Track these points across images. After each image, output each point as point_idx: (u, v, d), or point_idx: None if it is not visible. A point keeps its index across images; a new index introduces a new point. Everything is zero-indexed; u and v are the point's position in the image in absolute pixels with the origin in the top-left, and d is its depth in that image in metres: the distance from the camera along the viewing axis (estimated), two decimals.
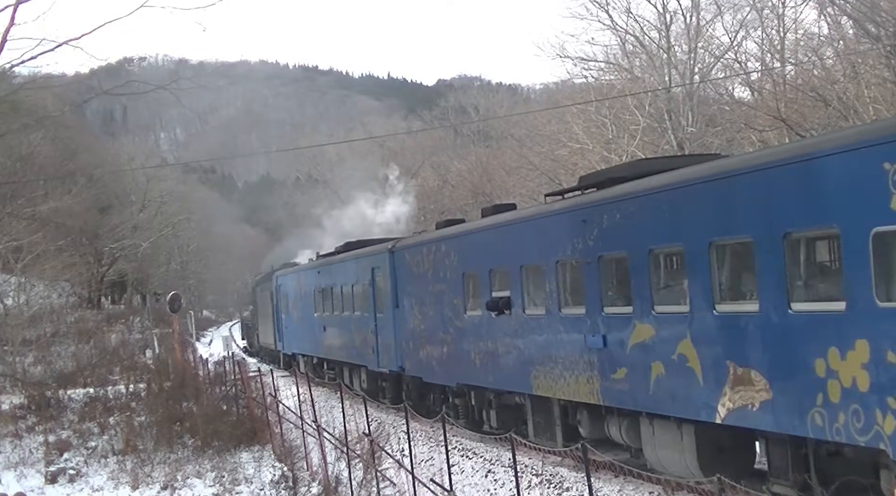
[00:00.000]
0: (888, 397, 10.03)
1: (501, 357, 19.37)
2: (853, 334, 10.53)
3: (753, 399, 12.10)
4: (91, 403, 29.01)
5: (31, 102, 43.19)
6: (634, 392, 14.65)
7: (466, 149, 79.93)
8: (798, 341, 11.39)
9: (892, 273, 10.06)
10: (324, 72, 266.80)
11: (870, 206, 10.17)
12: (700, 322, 13.12)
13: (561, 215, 16.95)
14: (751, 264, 12.16)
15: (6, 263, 45.74)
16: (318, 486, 19.02)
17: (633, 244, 14.57)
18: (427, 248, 23.43)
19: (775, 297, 11.64)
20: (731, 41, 37.31)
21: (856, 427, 10.61)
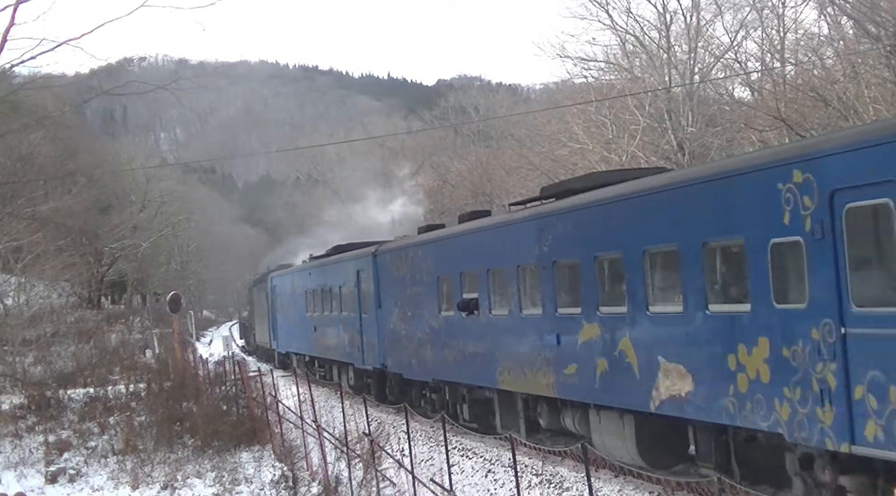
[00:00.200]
0: (784, 387, 11.50)
1: (471, 354, 20.77)
2: (756, 332, 11.98)
3: (680, 390, 13.56)
4: (91, 403, 29.01)
5: (31, 102, 43.17)
6: (583, 386, 16.12)
7: (466, 149, 79.91)
8: (714, 339, 12.85)
9: (786, 278, 11.56)
10: (324, 72, 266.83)
11: (768, 220, 11.62)
12: (637, 322, 14.63)
13: (521, 224, 18.47)
14: (676, 270, 13.62)
15: (6, 263, 45.74)
16: (318, 486, 19.02)
17: (581, 251, 16.12)
18: (406, 252, 25.00)
19: (695, 300, 13.16)
20: (731, 41, 37.33)
21: (759, 414, 12.01)
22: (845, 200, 10.58)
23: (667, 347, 13.88)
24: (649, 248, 14.25)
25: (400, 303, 25.38)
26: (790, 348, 11.42)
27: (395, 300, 25.76)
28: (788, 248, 11.42)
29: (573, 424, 17.15)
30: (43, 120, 41.18)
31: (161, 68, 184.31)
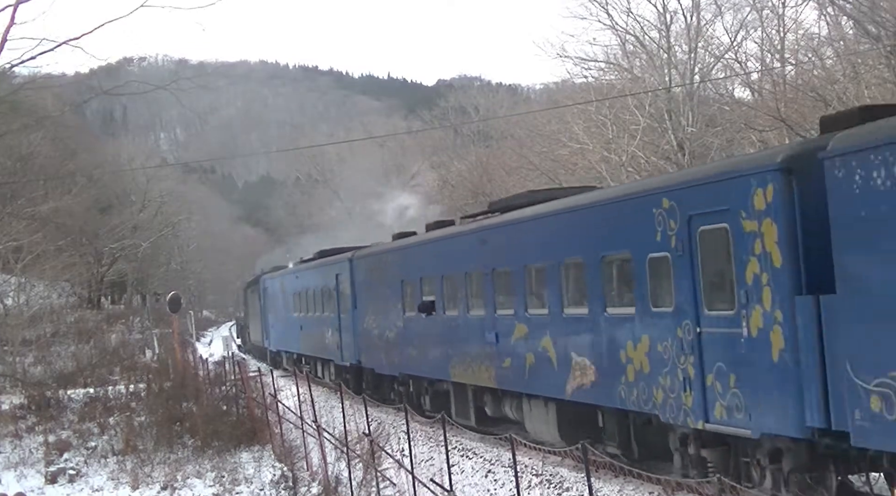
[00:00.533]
0: (659, 377, 14.05)
1: (430, 351, 23.43)
2: (640, 331, 14.56)
3: (587, 380, 16.19)
4: (91, 403, 29.01)
5: (31, 102, 43.17)
6: (517, 377, 18.74)
7: (466, 149, 79.91)
8: (611, 336, 15.45)
9: (659, 286, 14.11)
10: (324, 72, 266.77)
11: (646, 238, 14.18)
12: (555, 322, 17.22)
13: (468, 235, 21.17)
14: (584, 279, 16.23)
15: (6, 263, 45.74)
16: (318, 486, 19.02)
17: (514, 261, 18.73)
18: (376, 258, 27.90)
19: (597, 304, 15.80)
20: (731, 41, 37.31)
21: (643, 399, 14.57)
22: (699, 223, 13.10)
23: (577, 344, 16.50)
24: (565, 259, 16.84)
25: (372, 305, 27.90)
26: (662, 344, 13.99)
27: (368, 302, 28.29)
28: (660, 262, 13.97)
29: (511, 412, 19.67)
30: (43, 120, 41.19)
31: (161, 68, 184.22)
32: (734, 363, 12.51)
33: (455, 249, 21.94)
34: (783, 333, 11.64)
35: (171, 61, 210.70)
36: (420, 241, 25.00)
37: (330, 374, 33.71)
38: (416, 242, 25.27)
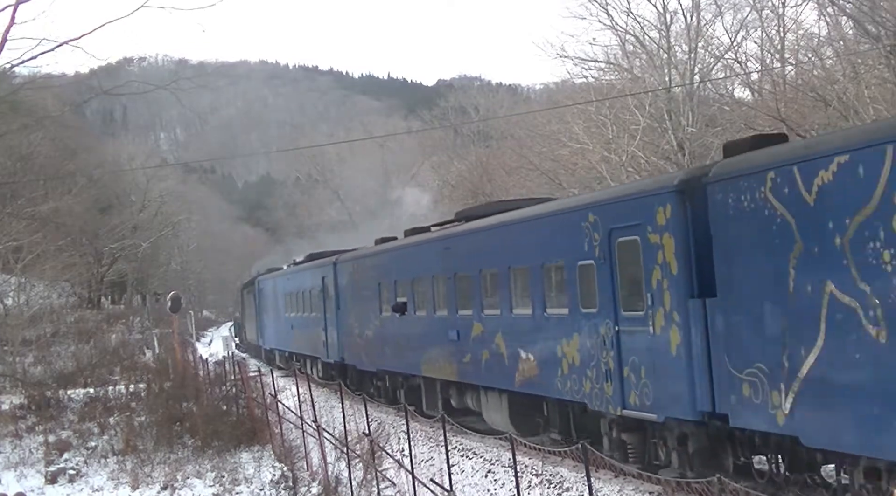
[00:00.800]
0: (587, 369, 15.94)
1: (403, 348, 25.35)
2: (572, 329, 16.40)
3: (531, 373, 18.09)
4: (91, 403, 29.02)
5: (31, 102, 43.16)
6: (475, 371, 20.65)
7: (466, 149, 79.91)
8: (549, 334, 17.32)
9: (587, 290, 15.74)
10: (324, 72, 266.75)
11: (576, 248, 16.07)
12: (505, 321, 19.21)
13: (434, 242, 23.30)
14: (528, 283, 18.18)
15: (6, 263, 45.74)
16: (318, 486, 19.02)
17: (473, 266, 20.70)
18: (357, 261, 29.92)
19: (539, 305, 17.74)
20: (731, 41, 37.25)
21: (574, 389, 16.38)
22: (617, 235, 15.02)
23: (523, 341, 18.45)
24: (512, 265, 18.88)
25: (353, 306, 29.94)
26: (590, 341, 15.87)
27: (350, 303, 30.35)
28: (587, 269, 15.85)
29: (472, 403, 21.61)
30: (43, 120, 41.17)
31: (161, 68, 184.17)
32: (644, 357, 14.50)
33: (424, 255, 23.94)
34: (679, 331, 13.62)
35: (171, 61, 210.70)
36: (394, 246, 27.21)
37: (318, 371, 35.80)
38: (391, 248, 27.39)
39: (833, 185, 10.96)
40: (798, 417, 11.63)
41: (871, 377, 10.54)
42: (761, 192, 11.99)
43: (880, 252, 10.37)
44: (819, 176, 11.13)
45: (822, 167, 11.07)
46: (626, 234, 14.78)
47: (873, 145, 10.40)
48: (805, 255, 11.44)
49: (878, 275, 10.37)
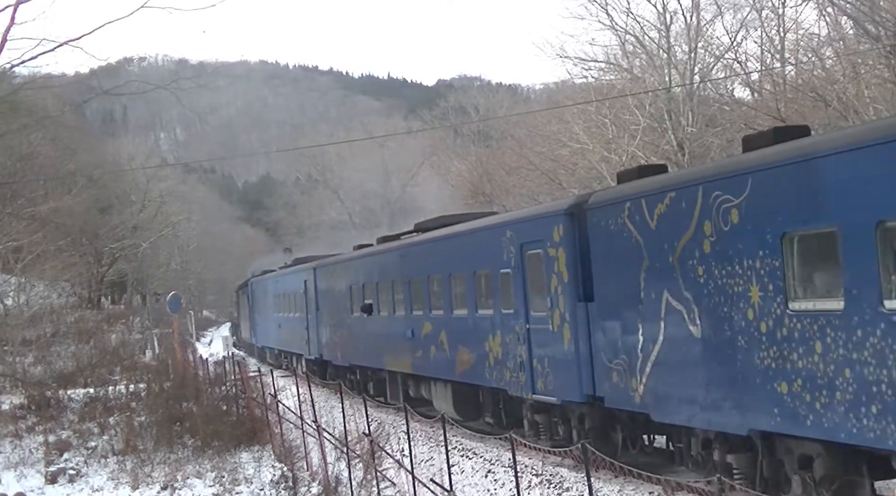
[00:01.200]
0: (507, 361, 18.88)
1: (370, 344, 28.36)
2: (496, 327, 19.47)
3: (468, 366, 21.01)
4: (91, 403, 29.00)
5: (31, 102, 43.14)
6: (425, 364, 23.63)
7: (466, 149, 79.85)
8: (480, 332, 20.22)
9: (507, 294, 18.94)
10: (324, 72, 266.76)
11: (498, 258, 19.01)
12: (447, 321, 22.19)
13: (395, 251, 26.44)
14: (464, 288, 21.27)
15: (6, 263, 45.72)
16: (318, 486, 19.02)
17: (423, 272, 23.80)
18: (333, 266, 33.11)
19: (472, 307, 20.81)
20: (731, 41, 37.24)
21: (498, 378, 19.44)
22: (527, 248, 18.00)
23: (461, 338, 21.33)
24: (453, 273, 21.79)
25: (330, 307, 32.97)
26: (508, 337, 18.88)
27: (327, 304, 33.30)
28: (506, 276, 18.86)
29: (424, 393, 24.42)
30: (43, 120, 41.15)
31: (161, 68, 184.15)
32: (547, 350, 17.41)
33: (385, 262, 27.06)
34: (570, 329, 16.54)
35: (171, 61, 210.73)
36: (362, 254, 30.35)
37: (302, 367, 38.39)
38: (359, 255, 30.55)
39: (666, 215, 13.87)
40: (647, 398, 14.64)
41: (693, 365, 13.48)
42: (622, 217, 14.97)
43: (696, 268, 13.22)
44: (658, 207, 14.05)
45: (660, 200, 13.96)
46: (533, 248, 17.79)
47: (690, 186, 13.36)
48: (650, 269, 14.36)
49: (696, 285, 13.24)
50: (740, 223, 12.34)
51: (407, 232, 27.56)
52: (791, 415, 11.66)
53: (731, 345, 12.65)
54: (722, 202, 12.67)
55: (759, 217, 12.01)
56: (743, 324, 12.41)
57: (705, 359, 13.17)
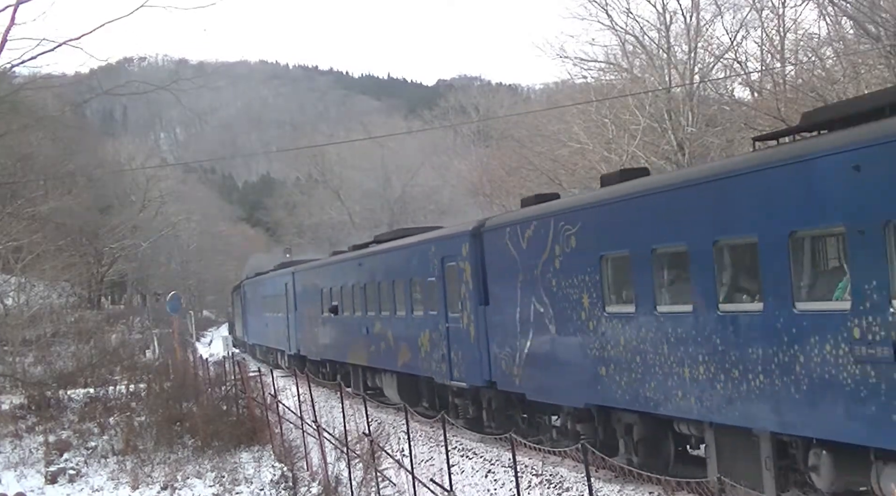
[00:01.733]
0: (434, 354, 22.92)
1: (337, 341, 32.81)
2: (425, 326, 23.72)
3: (407, 358, 25.25)
4: (91, 403, 28.97)
5: (31, 102, 43.13)
6: (377, 357, 28.10)
7: (466, 149, 79.82)
8: (415, 329, 24.46)
9: (431, 298, 23.12)
10: (324, 72, 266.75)
11: (426, 269, 23.43)
12: (392, 320, 26.66)
13: (355, 259, 30.80)
14: (402, 292, 25.67)
15: (6, 263, 45.71)
16: (318, 486, 19.01)
17: (373, 278, 28.54)
18: (307, 271, 37.89)
19: (407, 309, 25.31)
20: (731, 41, 37.21)
21: (426, 367, 23.64)
22: (446, 261, 22.15)
23: (402, 335, 25.52)
24: (395, 279, 26.31)
25: (306, 307, 37.04)
26: (434, 334, 23.07)
27: (304, 305, 37.40)
28: (432, 284, 23.19)
29: (378, 382, 28.77)
30: (43, 120, 41.13)
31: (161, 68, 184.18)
32: (460, 344, 21.55)
33: (348, 269, 31.23)
34: (474, 327, 20.79)
35: (171, 61, 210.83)
36: (330, 261, 35.02)
37: (285, 362, 43.08)
38: (328, 261, 35.43)
39: (533, 238, 18.02)
40: (523, 382, 18.87)
41: (551, 355, 17.67)
42: (505, 239, 19.23)
43: (551, 280, 17.33)
44: (527, 232, 18.28)
45: (528, 227, 18.22)
46: (450, 261, 21.99)
47: (546, 217, 17.56)
48: (523, 280, 18.43)
49: (551, 294, 17.39)
50: (576, 247, 16.48)
51: (369, 242, 31.33)
52: (608, 391, 15.73)
53: (573, 340, 16.78)
54: (565, 231, 16.77)
55: (587, 243, 16.19)
56: (579, 324, 16.53)
57: (558, 350, 17.40)
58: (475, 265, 20.40)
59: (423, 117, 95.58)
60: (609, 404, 15.81)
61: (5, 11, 25.80)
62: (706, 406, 13.28)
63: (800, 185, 11.51)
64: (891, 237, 10.33)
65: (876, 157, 10.48)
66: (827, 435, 11.41)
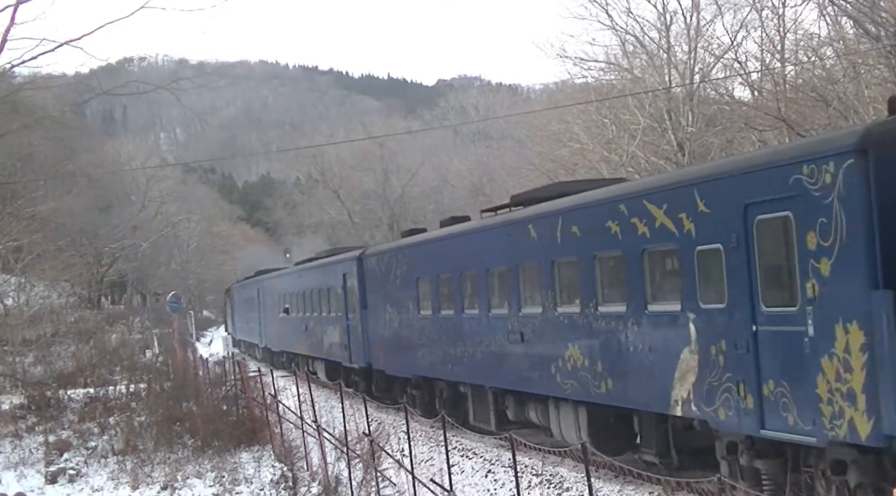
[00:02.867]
0: (341, 344, 31.25)
1: (289, 335, 41.47)
2: (336, 323, 31.84)
3: (329, 347, 33.03)
4: (91, 403, 28.97)
5: (31, 102, 43.13)
6: (311, 348, 36.17)
7: (466, 149, 79.89)
8: (329, 325, 32.77)
9: (338, 302, 31.39)
10: (324, 72, 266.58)
11: (337, 281, 31.35)
12: (318, 319, 34.45)
13: (298, 272, 39.36)
14: (320, 299, 34.81)
15: (6, 263, 45.73)
16: (318, 486, 19.01)
17: (306, 288, 36.98)
18: (270, 280, 47.08)
19: (326, 310, 33.23)
20: (731, 41, 37.19)
21: (338, 355, 31.91)
22: (347, 278, 29.91)
23: (324, 329, 33.53)
24: (319, 289, 34.45)
25: (270, 309, 45.80)
26: (339, 329, 30.79)
27: (269, 307, 46.27)
28: (339, 293, 30.82)
29: (315, 368, 36.12)
30: (43, 120, 41.08)
31: (161, 68, 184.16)
32: (353, 336, 29.50)
33: (295, 279, 39.79)
34: (360, 324, 28.64)
35: (171, 61, 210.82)
36: (282, 273, 44.88)
37: (259, 354, 52.20)
38: (281, 273, 45.06)
39: (385, 264, 26.51)
40: (382, 362, 27.16)
41: (395, 343, 25.89)
42: (374, 264, 27.66)
43: (395, 292, 25.59)
44: (384, 259, 26.72)
45: (384, 256, 26.90)
46: (349, 278, 29.91)
47: (392, 252, 26.31)
48: (383, 291, 26.55)
49: (395, 301, 25.52)
50: (406, 272, 24.92)
51: (310, 259, 40.79)
52: (424, 366, 24.02)
53: (405, 333, 25.02)
54: (401, 260, 25.39)
55: (410, 269, 24.64)
56: (408, 322, 24.81)
57: (399, 340, 25.63)
58: (359, 281, 28.70)
59: (423, 117, 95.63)
60: (425, 375, 24.23)
61: (5, 11, 25.81)
62: (463, 373, 21.63)
63: (497, 240, 19.74)
64: (521, 273, 18.57)
65: (525, 227, 18.25)
66: (508, 386, 19.50)
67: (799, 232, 11.28)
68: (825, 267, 10.99)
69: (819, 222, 10.98)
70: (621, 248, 14.85)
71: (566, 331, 16.55)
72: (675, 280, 13.83)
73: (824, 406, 11.00)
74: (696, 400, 13.19)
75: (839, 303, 10.82)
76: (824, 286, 11.00)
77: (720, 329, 12.65)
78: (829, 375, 10.94)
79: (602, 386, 15.46)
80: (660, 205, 13.85)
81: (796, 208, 11.28)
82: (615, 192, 15.64)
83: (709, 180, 13.06)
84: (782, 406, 11.63)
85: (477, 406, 21.11)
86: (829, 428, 10.97)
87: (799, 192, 11.22)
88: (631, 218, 14.53)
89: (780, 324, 11.70)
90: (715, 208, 12.69)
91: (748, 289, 12.08)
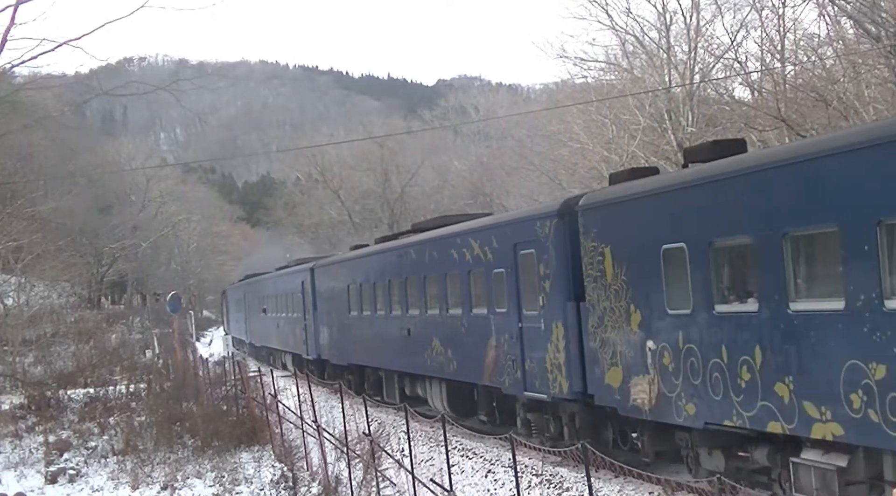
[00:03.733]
0: (301, 339, 38.54)
1: (265, 332, 47.89)
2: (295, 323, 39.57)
3: (292, 341, 40.39)
4: (91, 403, 28.96)
5: (31, 102, 43.15)
6: (279, 342, 44.10)
7: (466, 149, 79.92)
8: (291, 324, 40.41)
9: (297, 306, 38.54)
10: (324, 72, 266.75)
11: (296, 288, 38.70)
12: (284, 319, 42.05)
13: (271, 278, 47.30)
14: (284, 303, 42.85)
15: (6, 263, 45.72)
16: (318, 486, 19.01)
17: (273, 292, 45.69)
18: (252, 285, 54.25)
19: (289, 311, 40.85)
20: (731, 41, 37.14)
21: (299, 348, 38.93)
22: (305, 285, 36.65)
23: (288, 327, 40.22)
24: (282, 294, 42.06)
25: (251, 310, 53.03)
26: (298, 328, 37.89)
27: (251, 308, 52.94)
28: (298, 297, 38.03)
29: (283, 359, 43.49)
30: (43, 120, 41.13)
31: (161, 68, 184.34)
32: (309, 333, 35.60)
33: (268, 284, 47.37)
34: (313, 323, 35.09)
35: (171, 61, 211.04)
36: (258, 279, 52.29)
37: (245, 346, 58.91)
38: (259, 279, 52.06)
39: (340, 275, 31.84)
40: (329, 353, 33.26)
41: (335, 339, 32.46)
42: (325, 274, 33.87)
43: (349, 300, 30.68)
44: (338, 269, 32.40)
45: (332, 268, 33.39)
46: (305, 285, 35.69)
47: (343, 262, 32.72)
48: (329, 297, 32.92)
49: (337, 306, 32.41)
50: (341, 281, 31.41)
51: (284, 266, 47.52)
52: (356, 357, 30.05)
53: (341, 329, 31.58)
54: (338, 271, 31.94)
55: (343, 279, 31.00)
56: (344, 321, 30.92)
57: (338, 336, 31.70)
58: (310, 290, 34.91)
59: (423, 117, 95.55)
60: (356, 363, 30.06)
61: (5, 11, 25.83)
62: (378, 360, 28.00)
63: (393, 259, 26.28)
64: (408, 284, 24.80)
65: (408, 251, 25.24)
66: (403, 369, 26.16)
67: (538, 262, 17.53)
68: (548, 286, 17.26)
69: (545, 257, 17.34)
70: (458, 268, 21.39)
71: (432, 328, 23.17)
72: (483, 293, 20.14)
73: (549, 375, 17.24)
74: (495, 374, 19.59)
75: (554, 309, 17.09)
76: (547, 298, 17.30)
77: (503, 325, 19.04)
78: (551, 355, 17.21)
79: (451, 366, 22.04)
80: (476, 240, 20.46)
81: (536, 247, 17.66)
82: (455, 230, 22.29)
83: (498, 226, 19.73)
84: (533, 375, 17.88)
85: (388, 386, 27.77)
86: (552, 388, 17.19)
87: (537, 237, 17.60)
88: (463, 248, 21.12)
89: (531, 323, 17.94)
90: (501, 244, 19.19)
91: (517, 299, 18.44)
